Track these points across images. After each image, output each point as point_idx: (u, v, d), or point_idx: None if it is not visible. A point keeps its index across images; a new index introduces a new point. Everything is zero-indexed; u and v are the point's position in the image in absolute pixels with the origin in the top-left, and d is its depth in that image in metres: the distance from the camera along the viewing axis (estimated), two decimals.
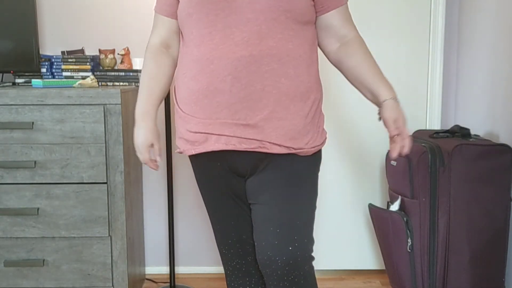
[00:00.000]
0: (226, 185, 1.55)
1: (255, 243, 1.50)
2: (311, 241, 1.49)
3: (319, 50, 1.56)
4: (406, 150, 1.48)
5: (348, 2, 1.54)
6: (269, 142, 1.41)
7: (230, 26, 1.37)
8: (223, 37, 1.38)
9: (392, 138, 1.49)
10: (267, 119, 1.40)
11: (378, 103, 1.52)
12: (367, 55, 1.52)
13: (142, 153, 1.53)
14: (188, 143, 1.48)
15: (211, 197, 1.60)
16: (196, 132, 1.45)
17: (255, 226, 1.51)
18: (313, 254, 1.49)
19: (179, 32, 1.54)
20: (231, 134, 1.41)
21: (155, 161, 1.55)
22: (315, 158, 1.51)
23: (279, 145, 1.42)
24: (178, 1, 1.48)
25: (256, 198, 1.50)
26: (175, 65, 1.58)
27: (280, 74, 1.39)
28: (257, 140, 1.41)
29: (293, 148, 1.43)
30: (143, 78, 1.54)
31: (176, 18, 1.51)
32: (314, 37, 1.51)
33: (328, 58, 1.57)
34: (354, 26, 1.54)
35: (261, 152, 1.43)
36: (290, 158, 1.45)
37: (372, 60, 1.52)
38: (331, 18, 1.49)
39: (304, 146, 1.45)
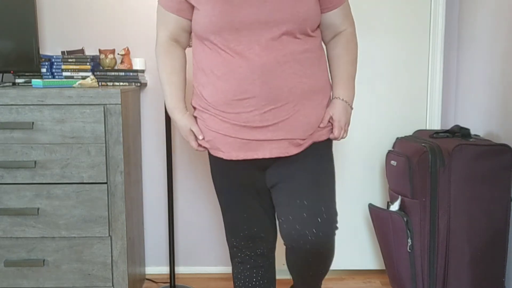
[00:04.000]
0: (246, 178, 1.63)
1: (280, 220, 1.58)
2: (336, 213, 1.59)
3: None
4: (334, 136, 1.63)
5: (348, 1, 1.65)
6: (295, 139, 1.53)
7: (255, 33, 1.47)
8: (249, 42, 1.47)
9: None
10: (294, 118, 1.52)
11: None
12: (346, 52, 1.64)
13: (189, 142, 1.65)
14: (215, 142, 1.57)
15: (227, 190, 1.66)
16: (225, 135, 1.54)
17: (280, 202, 1.59)
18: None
19: (187, 29, 1.62)
20: (261, 138, 1.51)
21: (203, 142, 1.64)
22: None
23: (305, 139, 1.55)
24: (188, 2, 1.55)
25: (279, 177, 1.59)
26: (185, 57, 1.68)
27: (301, 75, 1.51)
28: (286, 139, 1.52)
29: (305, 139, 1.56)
30: (162, 74, 1.64)
31: (184, 16, 1.58)
32: (320, 35, 1.64)
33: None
34: (352, 22, 1.67)
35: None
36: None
37: (347, 58, 1.65)
38: (333, 16, 1.62)
39: (322, 130, 1.59)
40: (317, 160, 1.59)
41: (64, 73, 2.34)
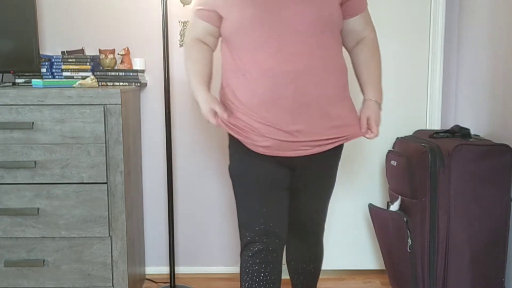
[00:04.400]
0: (273, 176, 1.70)
1: (293, 211, 1.81)
2: (324, 222, 1.93)
3: None
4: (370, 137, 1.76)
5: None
6: (322, 140, 1.64)
7: (284, 36, 1.56)
8: (279, 46, 1.56)
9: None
10: (321, 121, 1.62)
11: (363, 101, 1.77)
12: (372, 57, 1.76)
13: (209, 117, 1.67)
14: (248, 139, 1.64)
15: (251, 185, 1.72)
16: (258, 135, 1.62)
17: (298, 211, 1.83)
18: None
19: (214, 34, 1.74)
20: (292, 139, 1.60)
21: (226, 119, 1.70)
22: (341, 147, 1.80)
23: (331, 142, 1.67)
24: (217, 13, 1.67)
25: (301, 182, 1.76)
26: (212, 54, 1.78)
27: (328, 81, 1.62)
28: (314, 140, 1.62)
29: (341, 137, 1.69)
30: (187, 63, 1.75)
31: (212, 23, 1.70)
32: (341, 43, 1.75)
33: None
34: (373, 28, 1.79)
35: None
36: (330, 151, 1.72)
37: (374, 62, 1.76)
38: (355, 23, 1.73)
39: (348, 133, 1.71)
40: (332, 170, 1.80)
41: (64, 73, 2.34)
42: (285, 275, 2.60)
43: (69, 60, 2.33)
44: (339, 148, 1.78)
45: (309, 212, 1.84)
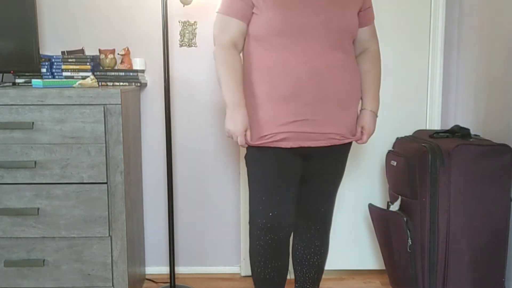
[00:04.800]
0: (287, 165, 1.80)
1: (302, 199, 1.92)
2: (332, 214, 2.04)
3: None
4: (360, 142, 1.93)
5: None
6: (340, 134, 1.80)
7: (309, 38, 1.71)
8: (305, 47, 1.71)
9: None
10: (339, 116, 1.77)
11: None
12: (373, 68, 1.90)
13: (240, 137, 1.76)
14: (272, 136, 1.75)
15: (266, 174, 1.81)
16: (282, 130, 1.73)
17: (307, 198, 1.94)
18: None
19: (245, 33, 1.80)
20: (312, 131, 1.75)
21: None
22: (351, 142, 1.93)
23: (346, 136, 1.83)
24: (251, 7, 1.75)
25: (314, 173, 1.89)
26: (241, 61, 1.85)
27: (345, 80, 1.77)
28: (333, 133, 1.78)
29: (352, 136, 1.86)
30: (226, 71, 1.76)
31: (245, 21, 1.77)
32: (353, 48, 1.89)
33: None
34: (377, 40, 1.95)
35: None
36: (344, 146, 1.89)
37: (374, 73, 1.90)
38: (363, 32, 1.89)
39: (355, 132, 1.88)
40: (342, 162, 1.94)
41: (64, 73, 2.34)
42: (289, 275, 2.61)
43: (69, 60, 2.33)
44: (350, 142, 1.92)
45: (318, 199, 1.94)
